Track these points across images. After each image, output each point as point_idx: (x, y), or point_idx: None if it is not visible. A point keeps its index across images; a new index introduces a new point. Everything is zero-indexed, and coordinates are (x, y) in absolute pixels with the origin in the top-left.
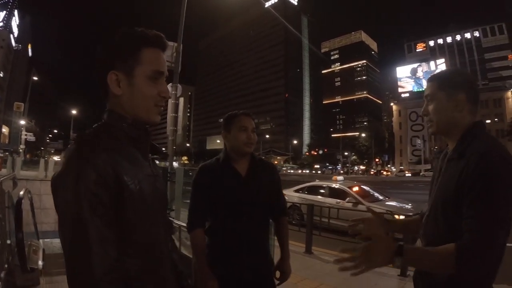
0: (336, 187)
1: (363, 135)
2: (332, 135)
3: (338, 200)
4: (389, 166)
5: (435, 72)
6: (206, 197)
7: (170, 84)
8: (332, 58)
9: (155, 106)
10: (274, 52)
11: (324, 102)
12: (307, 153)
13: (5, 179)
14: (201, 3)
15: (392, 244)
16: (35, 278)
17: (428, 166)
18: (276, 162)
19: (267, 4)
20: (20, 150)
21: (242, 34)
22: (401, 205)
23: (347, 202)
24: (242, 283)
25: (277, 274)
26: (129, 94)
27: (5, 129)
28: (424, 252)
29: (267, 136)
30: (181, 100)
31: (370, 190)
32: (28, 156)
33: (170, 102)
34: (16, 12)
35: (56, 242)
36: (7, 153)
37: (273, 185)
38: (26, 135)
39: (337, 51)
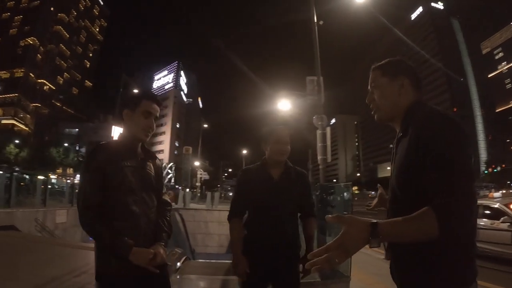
0: (491, 205)
1: None
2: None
3: (493, 221)
4: None
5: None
6: (244, 193)
7: (315, 116)
8: (496, 58)
9: (142, 130)
10: (431, 65)
11: (496, 111)
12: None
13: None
14: (345, 33)
15: (364, 225)
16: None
17: None
18: None
19: (413, 17)
20: (197, 186)
21: (395, 53)
22: None
23: (501, 222)
24: (269, 268)
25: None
26: (131, 122)
27: None
28: (398, 223)
29: None
30: (328, 129)
31: None
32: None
33: (318, 132)
34: (182, 73)
35: (226, 262)
36: (177, 188)
37: (303, 189)
38: (201, 174)
39: (500, 49)
